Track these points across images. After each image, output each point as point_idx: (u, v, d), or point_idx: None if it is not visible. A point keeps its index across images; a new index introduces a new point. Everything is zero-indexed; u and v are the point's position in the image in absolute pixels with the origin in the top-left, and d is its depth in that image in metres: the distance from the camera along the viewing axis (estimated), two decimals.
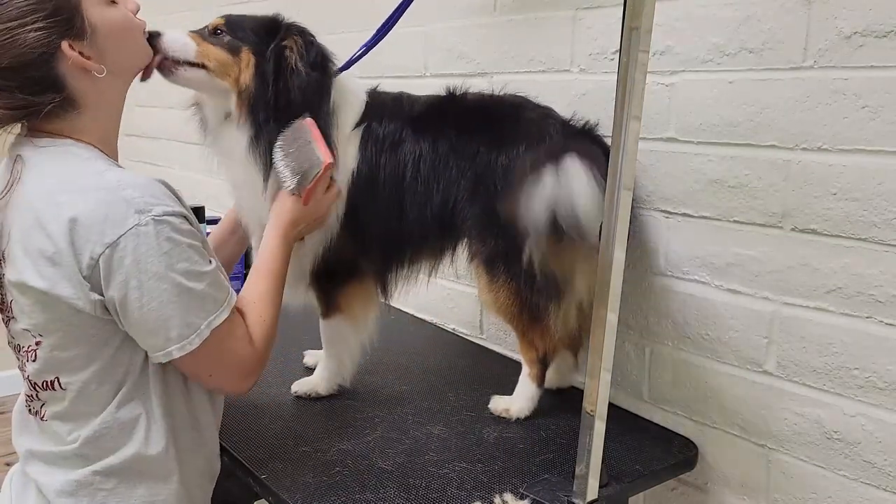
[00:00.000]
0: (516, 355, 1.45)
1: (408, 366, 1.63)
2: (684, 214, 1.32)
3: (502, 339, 1.73)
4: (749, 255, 1.24)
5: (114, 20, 1.08)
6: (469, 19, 1.66)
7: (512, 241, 1.26)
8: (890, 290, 1.09)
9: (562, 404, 1.42)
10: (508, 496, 1.11)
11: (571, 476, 1.12)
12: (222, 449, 1.25)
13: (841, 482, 1.18)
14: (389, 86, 1.43)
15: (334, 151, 1.25)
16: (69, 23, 1.02)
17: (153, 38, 1.21)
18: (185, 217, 1.04)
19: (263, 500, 1.18)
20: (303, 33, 1.29)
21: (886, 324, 1.10)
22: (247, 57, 1.26)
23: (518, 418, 1.37)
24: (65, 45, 1.01)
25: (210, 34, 1.28)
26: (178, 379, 1.12)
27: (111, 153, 1.13)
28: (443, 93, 1.39)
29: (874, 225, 1.09)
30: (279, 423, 1.34)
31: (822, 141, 1.13)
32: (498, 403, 1.40)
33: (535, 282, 1.27)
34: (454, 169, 1.31)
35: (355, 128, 1.33)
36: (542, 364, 1.37)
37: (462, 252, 1.39)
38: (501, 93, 1.40)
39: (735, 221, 1.25)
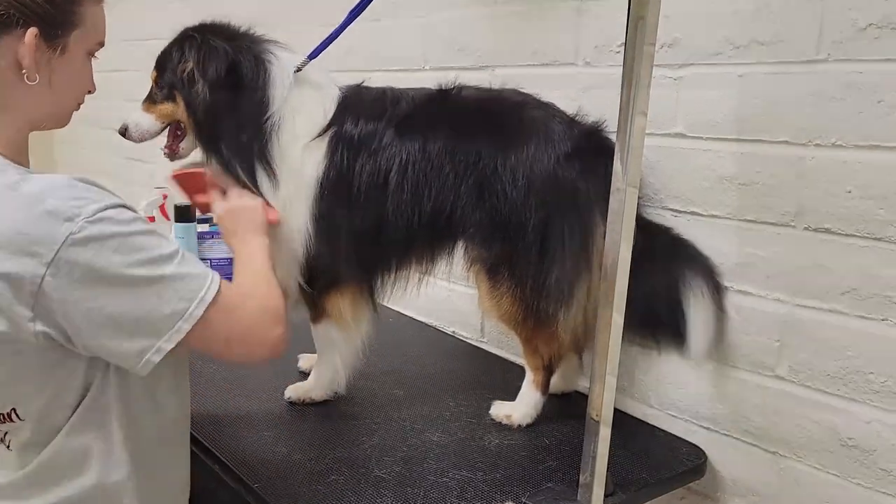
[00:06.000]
0: (519, 359, 1.45)
1: (406, 370, 1.63)
2: (693, 213, 1.33)
3: (504, 342, 1.74)
4: (761, 255, 1.25)
5: (80, 66, 1.08)
6: (470, 10, 1.67)
7: (516, 247, 1.28)
8: None
9: (566, 410, 1.43)
10: None
11: (575, 485, 1.13)
12: (213, 457, 1.26)
13: (856, 491, 1.18)
14: (387, 80, 1.42)
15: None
16: (53, 21, 1.01)
17: (125, 135, 1.38)
18: (122, 205, 0.97)
19: None
20: (197, 50, 1.29)
21: None
22: (178, 97, 1.33)
23: (520, 425, 1.38)
24: (32, 31, 0.99)
25: (156, 90, 1.37)
26: (144, 394, 1.07)
27: (18, 154, 1.07)
28: (433, 88, 1.37)
29: (890, 224, 1.09)
30: (272, 430, 1.34)
31: (836, 137, 1.13)
32: (500, 409, 1.40)
33: (542, 288, 1.27)
34: (451, 174, 1.30)
35: (323, 132, 1.32)
36: (547, 371, 1.37)
37: (458, 257, 1.39)
38: (499, 88, 1.39)
39: (746, 220, 1.26)
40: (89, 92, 1.13)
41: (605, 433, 1.08)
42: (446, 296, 1.88)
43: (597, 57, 1.44)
